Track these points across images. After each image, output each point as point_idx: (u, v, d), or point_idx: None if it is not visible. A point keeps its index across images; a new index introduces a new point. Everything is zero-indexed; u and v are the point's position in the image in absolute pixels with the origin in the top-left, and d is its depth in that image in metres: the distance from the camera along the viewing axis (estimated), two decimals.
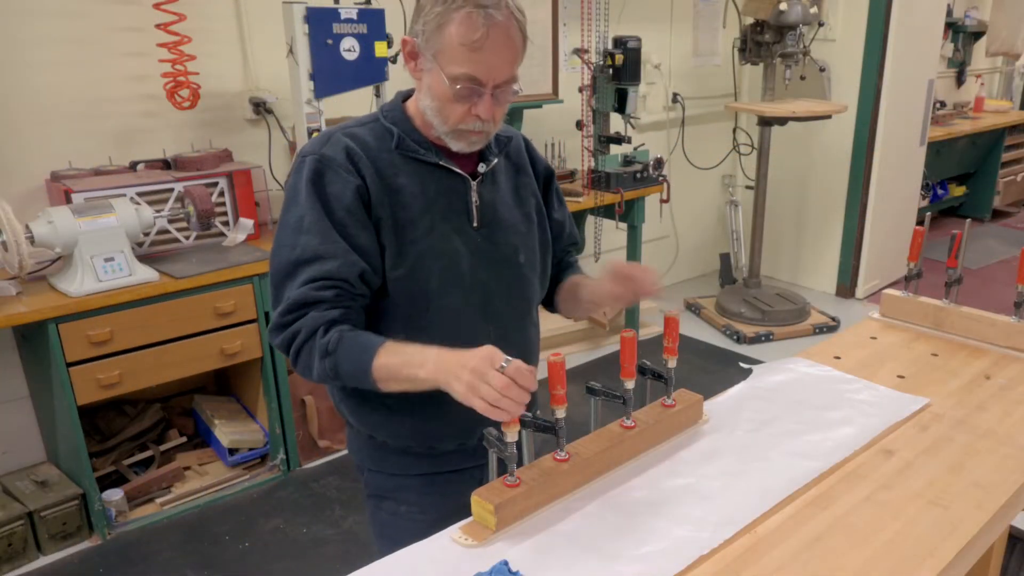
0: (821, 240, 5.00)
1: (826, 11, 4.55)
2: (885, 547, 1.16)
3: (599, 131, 3.85)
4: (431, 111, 1.31)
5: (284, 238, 1.32)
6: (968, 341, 1.85)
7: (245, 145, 3.19)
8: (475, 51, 1.23)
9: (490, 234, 1.41)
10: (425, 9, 1.25)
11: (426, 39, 1.25)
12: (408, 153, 1.34)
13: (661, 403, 1.47)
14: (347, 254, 1.28)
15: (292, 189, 1.33)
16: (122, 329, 2.55)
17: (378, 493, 1.52)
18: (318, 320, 1.27)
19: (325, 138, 1.34)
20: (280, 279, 1.33)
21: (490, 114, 1.30)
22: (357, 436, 1.50)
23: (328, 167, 1.30)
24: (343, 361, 1.26)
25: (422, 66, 1.29)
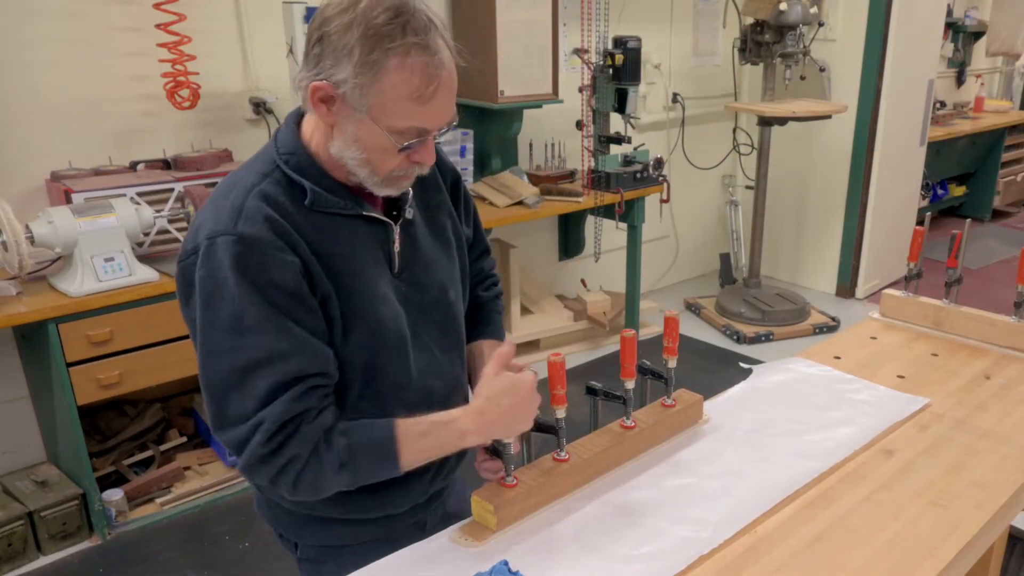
0: (821, 240, 5.00)
1: (826, 11, 4.55)
2: (885, 547, 1.16)
3: (599, 131, 3.85)
4: (356, 161, 1.11)
5: (218, 342, 1.08)
6: (968, 341, 1.85)
7: (245, 145, 3.19)
8: (424, 103, 1.07)
9: (412, 277, 1.24)
10: (337, 47, 1.04)
11: (357, 91, 1.05)
12: (326, 210, 1.14)
13: (661, 403, 1.47)
14: (309, 343, 1.10)
15: (208, 282, 1.07)
16: (122, 329, 2.55)
17: (315, 557, 1.34)
18: (314, 434, 1.09)
19: (233, 210, 1.09)
20: (223, 393, 1.09)
21: (433, 159, 1.16)
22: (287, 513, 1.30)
23: (254, 248, 1.06)
24: (363, 469, 1.13)
25: (342, 114, 1.08)
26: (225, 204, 1.11)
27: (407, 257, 1.24)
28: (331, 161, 1.15)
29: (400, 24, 1.03)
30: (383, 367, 1.20)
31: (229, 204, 1.10)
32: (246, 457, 1.09)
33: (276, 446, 1.08)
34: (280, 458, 1.08)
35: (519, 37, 3.52)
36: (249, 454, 1.08)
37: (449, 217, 1.35)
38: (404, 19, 1.03)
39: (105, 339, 2.51)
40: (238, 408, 1.08)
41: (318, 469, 1.10)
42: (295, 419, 1.08)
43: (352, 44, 1.03)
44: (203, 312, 1.09)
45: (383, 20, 1.03)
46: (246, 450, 1.08)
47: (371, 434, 1.13)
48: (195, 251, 1.10)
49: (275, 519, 1.34)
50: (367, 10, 1.03)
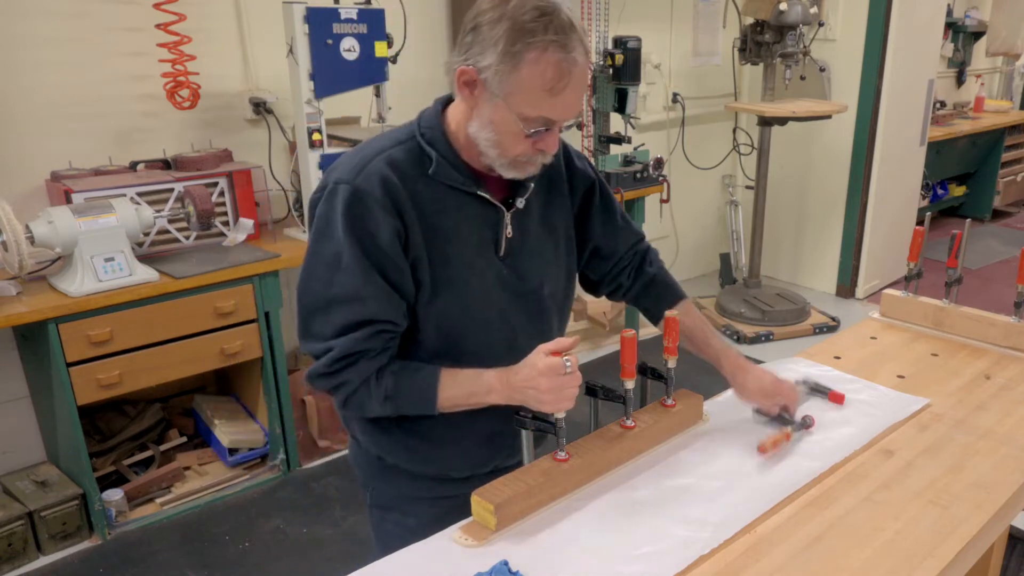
0: (821, 240, 5.00)
1: (826, 11, 4.55)
2: (885, 547, 1.16)
3: (599, 131, 3.85)
4: (487, 142, 1.23)
5: (317, 271, 1.25)
6: (968, 341, 1.85)
7: (245, 145, 3.19)
8: (555, 95, 1.18)
9: (516, 264, 1.35)
10: (486, 37, 1.16)
11: (497, 77, 1.16)
12: (445, 181, 1.27)
13: (661, 403, 1.47)
14: (388, 294, 1.24)
15: (324, 219, 1.25)
16: (122, 329, 2.55)
17: (384, 504, 1.49)
18: (369, 369, 1.26)
19: (360, 164, 1.25)
20: (311, 312, 1.27)
21: (556, 148, 1.26)
22: (364, 454, 1.46)
23: (363, 202, 1.22)
24: (404, 403, 1.28)
25: (482, 98, 1.20)
26: (356, 158, 1.26)
27: (515, 244, 1.34)
28: (465, 142, 1.27)
29: (543, 22, 1.14)
30: (463, 335, 1.32)
31: (359, 159, 1.26)
32: (312, 369, 1.28)
33: (335, 370, 1.25)
34: (335, 379, 1.26)
35: None
36: (314, 368, 1.27)
37: (564, 219, 1.44)
38: (548, 18, 1.14)
39: (105, 339, 2.51)
40: (318, 328, 1.26)
41: (365, 396, 1.28)
42: (357, 353, 1.25)
43: (499, 36, 1.15)
44: (312, 243, 1.27)
45: (529, 17, 1.14)
46: (315, 364, 1.27)
47: (416, 376, 1.28)
48: (322, 189, 1.27)
49: (357, 463, 1.50)
50: (517, 7, 1.15)
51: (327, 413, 3.21)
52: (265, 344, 2.89)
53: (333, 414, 3.24)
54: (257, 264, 2.78)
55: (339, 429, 3.25)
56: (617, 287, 1.58)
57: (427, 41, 3.64)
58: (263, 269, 2.79)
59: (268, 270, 2.81)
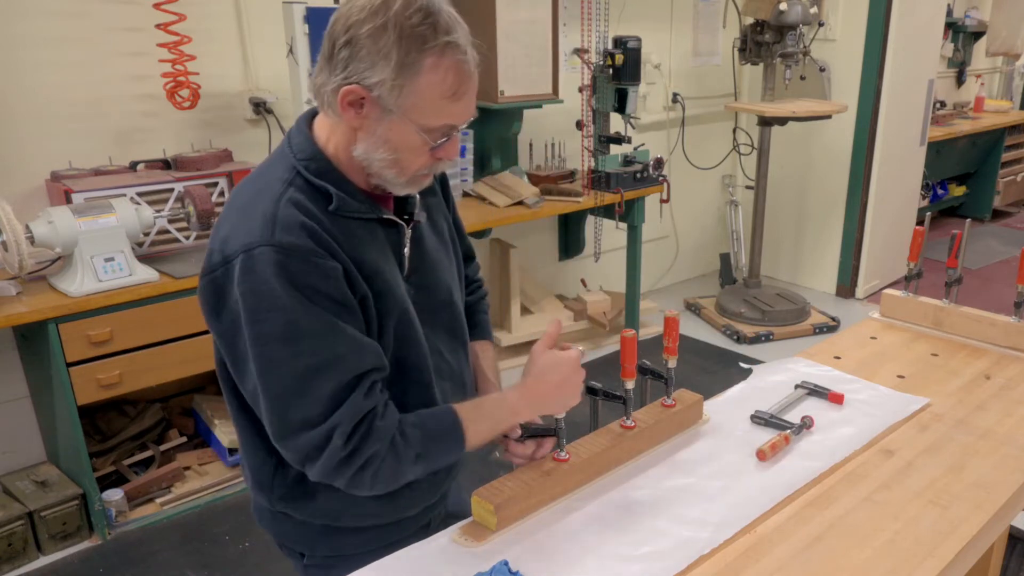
0: (821, 240, 5.00)
1: (826, 11, 4.55)
2: (885, 547, 1.16)
3: (599, 131, 3.85)
4: (382, 163, 1.12)
5: (274, 353, 1.08)
6: (968, 341, 1.85)
7: (245, 145, 3.19)
8: (457, 100, 1.10)
9: (421, 281, 1.26)
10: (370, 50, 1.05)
11: (393, 92, 1.06)
12: (347, 214, 1.15)
13: (661, 403, 1.47)
14: (361, 343, 1.12)
15: (251, 295, 1.06)
16: (122, 329, 2.55)
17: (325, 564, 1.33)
18: (389, 429, 1.12)
19: (268, 219, 1.08)
20: (285, 401, 1.09)
21: (457, 153, 1.18)
22: (299, 525, 1.29)
23: (296, 257, 1.06)
24: (436, 457, 1.18)
25: (372, 116, 1.10)
26: (254, 214, 1.10)
27: (415, 259, 1.25)
28: (349, 165, 1.16)
29: (431, 24, 1.05)
30: (408, 368, 1.23)
31: (260, 213, 1.09)
32: (326, 461, 1.10)
33: (355, 446, 1.09)
34: (360, 457, 1.10)
35: (519, 37, 3.52)
36: (329, 457, 1.09)
37: (445, 219, 1.37)
38: (434, 19, 1.06)
39: (105, 339, 2.51)
40: (303, 414, 1.09)
41: (396, 462, 1.13)
42: (367, 417, 1.11)
43: (388, 47, 1.04)
44: (251, 326, 1.08)
45: (416, 21, 1.05)
46: (324, 454, 1.09)
47: (439, 422, 1.17)
48: (225, 263, 1.09)
49: (281, 531, 1.34)
50: (399, 13, 1.04)
51: None
52: None
53: None
54: None
55: None
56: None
57: None
58: None
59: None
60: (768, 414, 1.50)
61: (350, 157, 1.15)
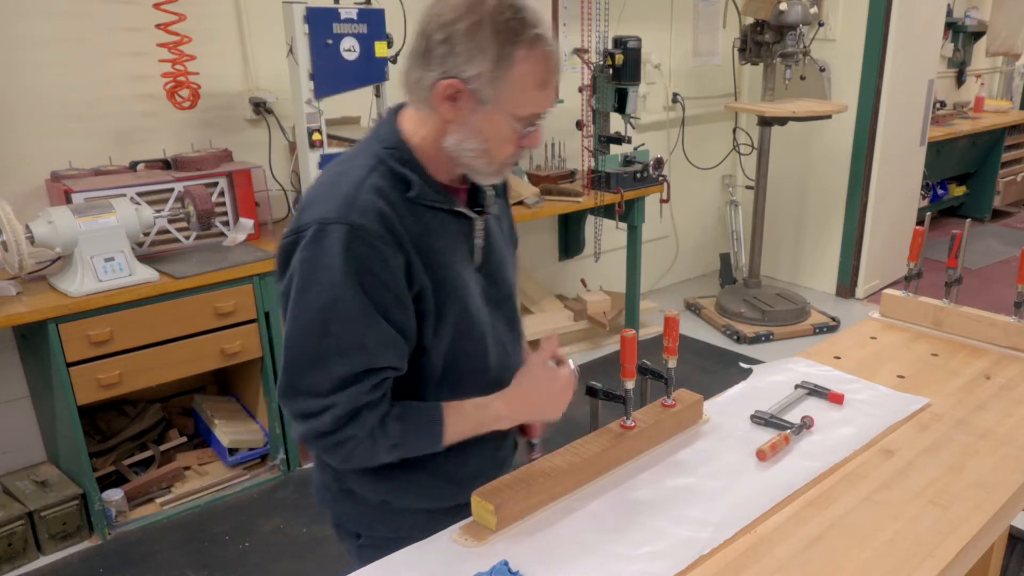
0: (821, 240, 5.00)
1: (826, 11, 4.55)
2: (885, 547, 1.16)
3: (599, 131, 3.85)
4: (473, 153, 1.19)
5: (309, 323, 1.15)
6: (968, 341, 1.85)
7: (245, 145, 3.19)
8: (545, 88, 1.18)
9: (490, 273, 1.32)
10: (467, 46, 1.12)
11: (490, 83, 1.13)
12: (424, 203, 1.21)
13: (661, 403, 1.47)
14: (391, 339, 1.17)
15: (310, 264, 1.14)
16: (122, 329, 2.55)
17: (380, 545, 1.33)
18: (373, 420, 1.18)
19: (347, 199, 1.15)
20: (302, 367, 1.17)
21: (540, 142, 1.24)
22: (359, 503, 1.36)
23: (364, 240, 1.13)
24: (411, 447, 1.23)
25: (467, 108, 1.16)
26: (336, 192, 1.16)
27: (486, 252, 1.31)
28: (433, 156, 1.22)
29: (521, 20, 1.13)
30: (466, 358, 1.28)
31: (342, 193, 1.15)
32: (307, 429, 1.18)
33: (339, 427, 1.16)
34: (338, 436, 1.17)
35: None
36: (310, 428, 1.17)
37: (507, 216, 1.44)
38: (523, 14, 1.13)
39: (105, 339, 2.51)
40: (312, 385, 1.16)
41: (371, 448, 1.20)
42: (362, 407, 1.17)
43: (485, 42, 1.11)
44: (299, 292, 1.15)
45: (508, 16, 1.12)
46: (309, 423, 1.17)
47: (420, 419, 1.23)
48: (299, 231, 1.16)
49: (341, 510, 1.40)
50: (493, 10, 1.12)
51: None
52: (265, 344, 2.89)
53: None
54: (257, 264, 2.78)
55: None
56: None
57: None
58: (263, 269, 2.79)
59: (268, 270, 2.81)
60: (768, 414, 1.50)
61: (436, 149, 1.21)
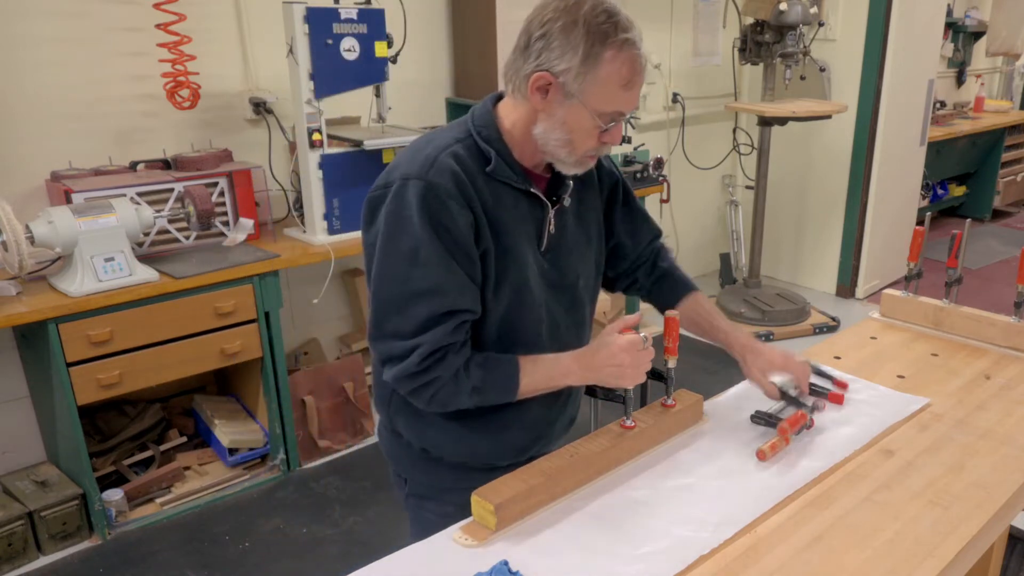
0: (821, 240, 5.00)
1: (826, 11, 4.55)
2: (885, 547, 1.16)
3: None
4: (558, 142, 1.29)
5: (393, 269, 1.27)
6: (968, 341, 1.85)
7: (245, 145, 3.19)
8: (629, 89, 1.26)
9: (555, 259, 1.40)
10: (561, 42, 1.22)
11: (577, 79, 1.22)
12: (501, 179, 1.31)
13: (661, 403, 1.47)
14: (466, 284, 1.27)
15: (394, 216, 1.26)
16: (122, 329, 2.55)
17: (422, 493, 1.50)
18: (457, 362, 1.28)
19: (427, 160, 1.27)
20: (388, 310, 1.28)
21: (619, 140, 1.32)
22: (407, 447, 1.47)
23: (438, 196, 1.24)
24: (490, 394, 1.32)
25: (555, 100, 1.26)
26: (420, 155, 1.28)
27: (555, 239, 1.40)
28: (520, 141, 1.32)
29: (614, 23, 1.22)
30: (521, 325, 1.36)
31: (424, 155, 1.28)
32: (398, 370, 1.28)
33: (426, 367, 1.26)
34: (426, 376, 1.27)
35: None
36: (402, 368, 1.27)
37: (596, 215, 1.50)
38: (616, 19, 1.23)
39: (105, 339, 2.51)
40: (398, 326, 1.27)
41: (454, 390, 1.29)
42: (445, 347, 1.27)
43: (577, 40, 1.21)
44: (385, 241, 1.27)
45: (602, 19, 1.22)
46: (399, 364, 1.27)
47: (500, 367, 1.32)
48: (386, 187, 1.28)
49: (395, 456, 1.51)
50: (588, 12, 1.22)
51: (327, 413, 3.21)
52: (265, 344, 2.89)
53: (333, 414, 3.24)
54: (257, 264, 2.78)
55: (339, 428, 3.25)
56: (633, 282, 1.64)
57: (427, 41, 3.64)
58: (263, 269, 2.79)
59: (268, 270, 2.81)
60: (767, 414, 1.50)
61: (525, 134, 1.31)
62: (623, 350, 1.31)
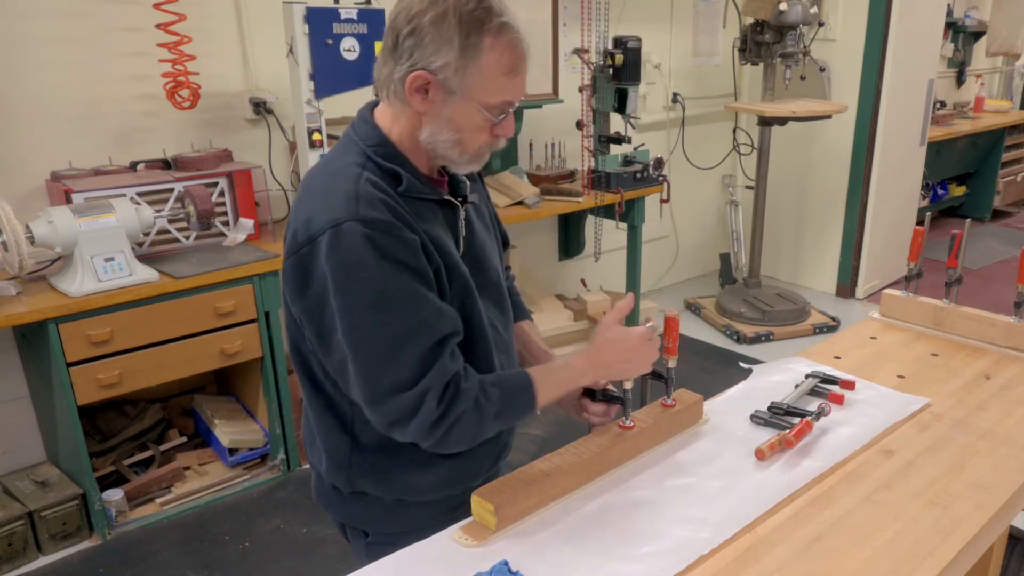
0: (821, 240, 5.00)
1: (826, 11, 4.55)
2: (885, 547, 1.16)
3: (599, 131, 3.85)
4: (447, 144, 1.21)
5: (363, 323, 1.15)
6: (968, 341, 1.85)
7: (245, 145, 3.19)
8: (514, 76, 1.18)
9: (475, 260, 1.33)
10: (433, 37, 1.14)
11: (457, 74, 1.15)
12: (413, 195, 1.22)
13: (661, 403, 1.47)
14: (441, 308, 1.20)
15: (343, 267, 1.13)
16: (122, 329, 2.55)
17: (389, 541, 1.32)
18: (472, 389, 1.20)
19: (350, 197, 1.15)
20: (375, 366, 1.16)
21: (513, 131, 1.26)
22: (371, 504, 1.36)
23: (380, 230, 1.14)
24: (512, 414, 1.26)
25: (437, 100, 1.18)
26: (334, 194, 1.17)
27: (469, 239, 1.33)
28: (413, 149, 1.24)
29: (486, 8, 1.14)
30: (474, 340, 1.29)
31: (341, 192, 1.16)
32: (419, 422, 1.17)
33: (446, 407, 1.17)
34: (451, 417, 1.18)
35: None
36: (421, 420, 1.17)
37: (485, 203, 1.46)
38: (487, 3, 1.15)
39: (105, 339, 2.51)
40: (394, 378, 1.16)
41: (479, 420, 1.21)
42: (454, 379, 1.19)
43: (450, 32, 1.13)
44: (340, 296, 1.15)
45: (473, 6, 1.14)
46: (418, 415, 1.17)
47: (515, 383, 1.25)
48: (310, 241, 1.16)
49: (350, 512, 1.40)
50: (457, 2, 1.14)
51: None
52: (265, 344, 2.89)
53: None
54: (257, 264, 2.78)
55: None
56: None
57: None
58: (263, 269, 2.79)
59: (268, 270, 2.81)
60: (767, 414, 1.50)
61: (414, 142, 1.23)
62: (636, 346, 1.29)
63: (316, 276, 1.16)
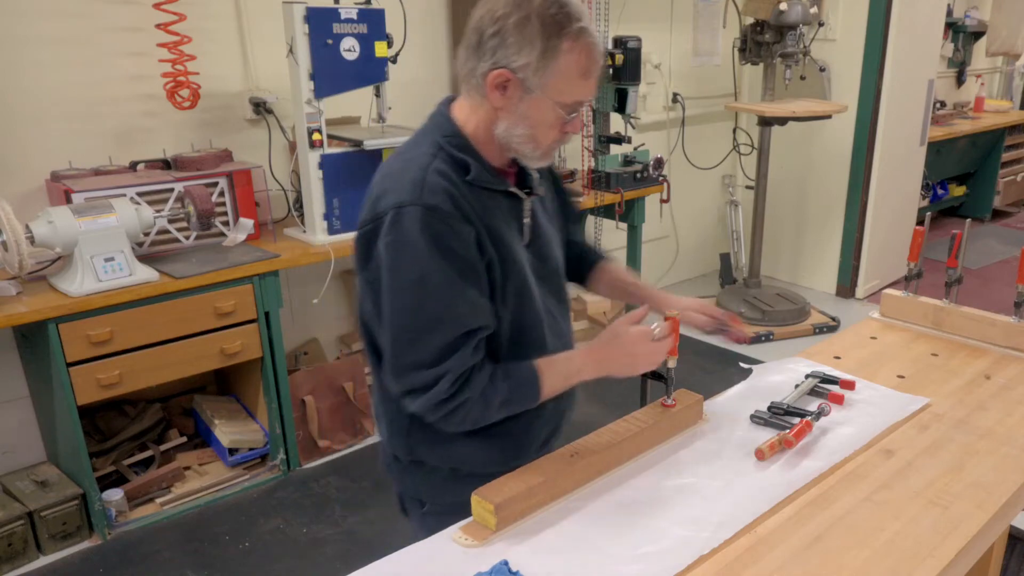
0: (821, 240, 5.00)
1: (826, 11, 4.55)
2: (885, 547, 1.16)
3: (599, 131, 3.85)
4: (521, 138, 1.28)
5: (403, 300, 1.24)
6: (968, 341, 1.85)
7: (245, 145, 3.19)
8: (588, 78, 1.26)
9: (538, 249, 1.41)
10: (516, 38, 1.22)
11: (536, 73, 1.22)
12: (481, 184, 1.30)
13: (661, 403, 1.47)
14: (478, 302, 1.27)
15: (395, 247, 1.23)
16: (122, 329, 2.55)
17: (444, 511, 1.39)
18: (483, 380, 1.28)
19: (415, 183, 1.24)
20: (405, 343, 1.26)
21: (580, 128, 1.34)
22: (428, 473, 1.44)
23: (439, 217, 1.22)
24: (517, 404, 1.32)
25: (515, 96, 1.25)
26: (404, 179, 1.26)
27: (534, 230, 1.40)
28: (486, 142, 1.32)
29: (566, 13, 1.23)
30: (527, 327, 1.37)
31: (409, 179, 1.25)
32: (426, 399, 1.26)
33: (455, 391, 1.25)
34: (456, 400, 1.26)
35: None
36: (430, 397, 1.26)
37: (552, 198, 1.52)
38: (568, 9, 1.23)
39: (105, 339, 2.51)
40: (417, 357, 1.25)
41: (483, 407, 1.29)
42: (470, 369, 1.26)
43: (533, 34, 1.21)
44: (389, 274, 1.25)
45: (555, 11, 1.22)
46: (428, 393, 1.26)
47: (521, 375, 1.32)
48: (376, 219, 1.26)
49: (412, 484, 1.47)
50: (540, 5, 1.22)
51: (327, 413, 3.21)
52: (265, 344, 2.89)
53: (333, 414, 3.24)
54: (257, 264, 2.78)
55: (339, 428, 3.25)
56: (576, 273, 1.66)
57: (427, 41, 3.63)
58: (263, 269, 2.79)
59: (268, 270, 2.81)
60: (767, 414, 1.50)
61: (488, 135, 1.31)
62: (635, 342, 1.33)
63: (376, 251, 1.26)
